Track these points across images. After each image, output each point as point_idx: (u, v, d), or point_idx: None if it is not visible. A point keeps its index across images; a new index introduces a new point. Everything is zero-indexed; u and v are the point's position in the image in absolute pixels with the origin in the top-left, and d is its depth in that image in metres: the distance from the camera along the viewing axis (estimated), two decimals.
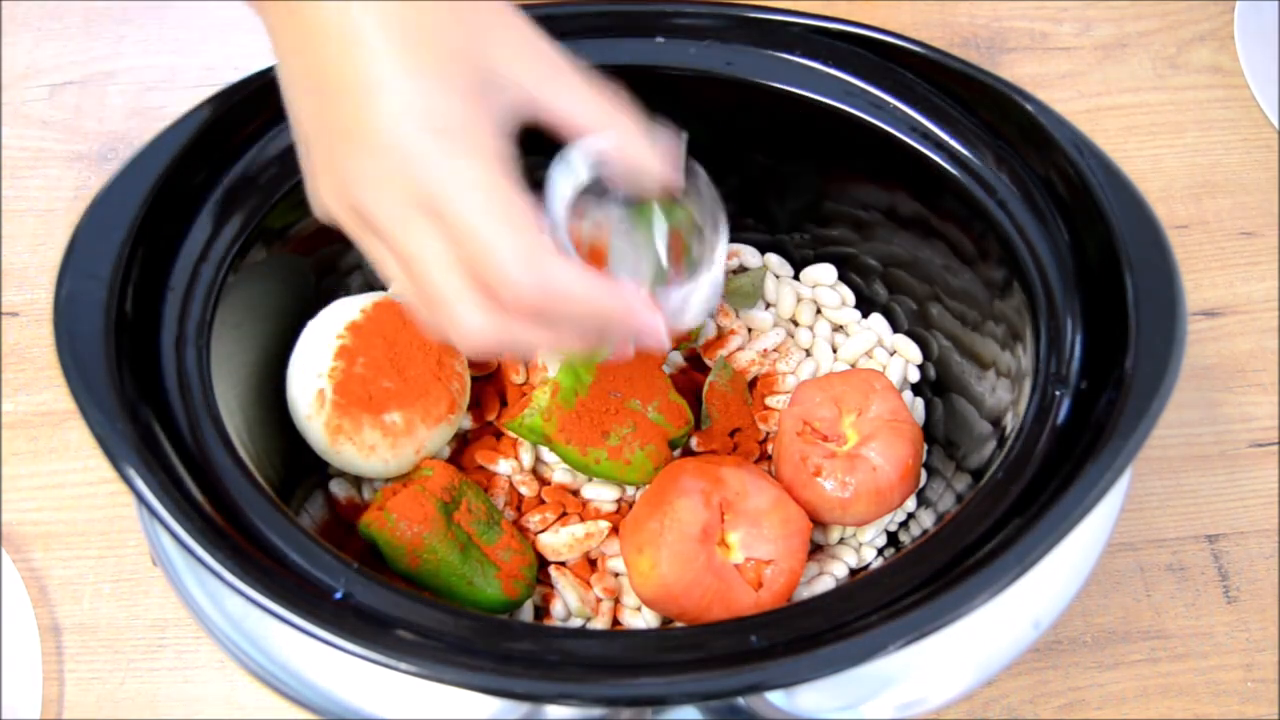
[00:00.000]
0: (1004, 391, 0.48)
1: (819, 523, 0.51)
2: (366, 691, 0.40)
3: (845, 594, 0.39)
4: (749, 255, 0.59)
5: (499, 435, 0.54)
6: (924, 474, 0.53)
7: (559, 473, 0.53)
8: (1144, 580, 0.57)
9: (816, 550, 0.53)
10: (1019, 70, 0.73)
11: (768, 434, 0.54)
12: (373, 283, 0.56)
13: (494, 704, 0.40)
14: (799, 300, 0.58)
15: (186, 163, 0.45)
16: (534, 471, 0.53)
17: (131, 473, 0.38)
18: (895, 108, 0.50)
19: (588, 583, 0.51)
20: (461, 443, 0.54)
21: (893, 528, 0.54)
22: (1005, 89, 0.47)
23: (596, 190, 0.41)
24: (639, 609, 0.50)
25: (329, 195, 0.37)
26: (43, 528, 0.58)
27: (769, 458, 0.54)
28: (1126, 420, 0.39)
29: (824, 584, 0.51)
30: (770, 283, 0.58)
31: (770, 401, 0.55)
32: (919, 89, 0.49)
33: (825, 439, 0.51)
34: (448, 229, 0.34)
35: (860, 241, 0.56)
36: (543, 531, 0.51)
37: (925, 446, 0.54)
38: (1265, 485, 0.60)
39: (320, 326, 0.49)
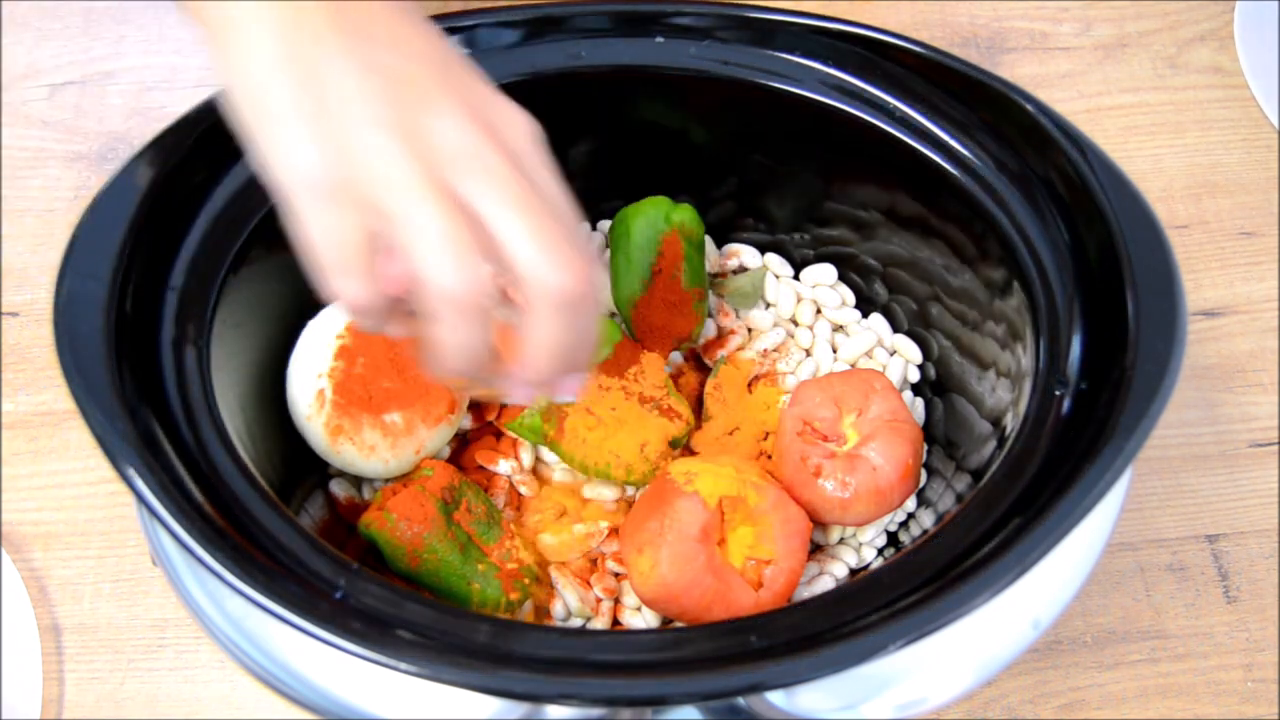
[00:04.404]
0: (1004, 391, 0.48)
1: (819, 523, 0.51)
2: (366, 691, 0.40)
3: (845, 594, 0.39)
4: (749, 255, 0.59)
5: (499, 435, 0.54)
6: (924, 474, 0.53)
7: (559, 473, 0.53)
8: (1144, 580, 0.57)
9: (816, 550, 0.53)
10: (1019, 70, 0.73)
11: (768, 434, 0.54)
12: None
13: (494, 704, 0.40)
14: (799, 300, 0.58)
15: (186, 163, 0.45)
16: (534, 471, 0.53)
17: (131, 473, 0.38)
18: (895, 108, 0.50)
19: (588, 583, 0.51)
20: (461, 443, 0.54)
21: (893, 528, 0.54)
22: (1005, 89, 0.47)
23: None
24: (639, 609, 0.50)
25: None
26: (43, 528, 0.58)
27: (769, 457, 0.54)
28: (1126, 420, 0.39)
29: (824, 584, 0.51)
30: (770, 283, 0.58)
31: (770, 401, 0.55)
32: (919, 89, 0.49)
33: (825, 439, 0.51)
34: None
35: (860, 241, 0.56)
36: (543, 531, 0.51)
37: (925, 446, 0.54)
38: (1265, 485, 0.60)
39: (320, 326, 0.49)
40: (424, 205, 0.33)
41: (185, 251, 0.46)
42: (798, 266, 0.59)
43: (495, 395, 0.40)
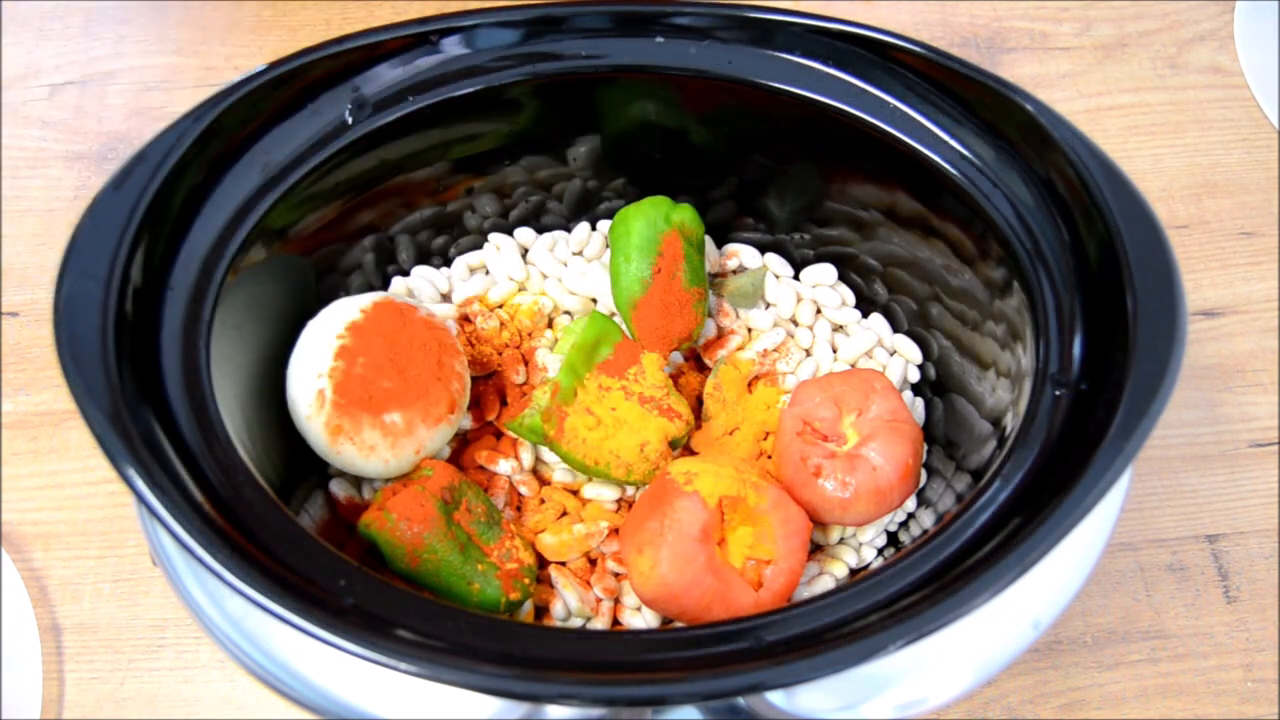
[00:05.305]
0: (1004, 391, 0.48)
1: (819, 523, 0.51)
2: (366, 691, 0.40)
3: (845, 594, 0.39)
4: (749, 255, 0.59)
5: (499, 435, 0.54)
6: (924, 474, 0.53)
7: (559, 473, 0.53)
8: (1144, 580, 0.57)
9: (816, 550, 0.53)
10: (1019, 70, 0.73)
11: (768, 434, 0.54)
12: (373, 283, 0.56)
13: (494, 704, 0.40)
14: (799, 300, 0.58)
15: (186, 163, 0.45)
16: (534, 471, 0.53)
17: (131, 473, 0.38)
18: (895, 108, 0.50)
19: (588, 583, 0.51)
20: (461, 443, 0.54)
21: (893, 528, 0.54)
22: (1005, 89, 0.47)
23: None
24: (639, 609, 0.50)
25: None
26: (43, 528, 0.58)
27: (769, 457, 0.54)
28: (1126, 420, 0.39)
29: (824, 584, 0.51)
30: (770, 283, 0.58)
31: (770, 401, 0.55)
32: (919, 89, 0.49)
33: (825, 439, 0.51)
34: None
35: (860, 241, 0.56)
36: (543, 531, 0.51)
37: (925, 446, 0.54)
38: (1265, 485, 0.60)
39: (320, 326, 0.49)
40: None
41: (185, 251, 0.46)
42: (798, 266, 0.59)
43: None
